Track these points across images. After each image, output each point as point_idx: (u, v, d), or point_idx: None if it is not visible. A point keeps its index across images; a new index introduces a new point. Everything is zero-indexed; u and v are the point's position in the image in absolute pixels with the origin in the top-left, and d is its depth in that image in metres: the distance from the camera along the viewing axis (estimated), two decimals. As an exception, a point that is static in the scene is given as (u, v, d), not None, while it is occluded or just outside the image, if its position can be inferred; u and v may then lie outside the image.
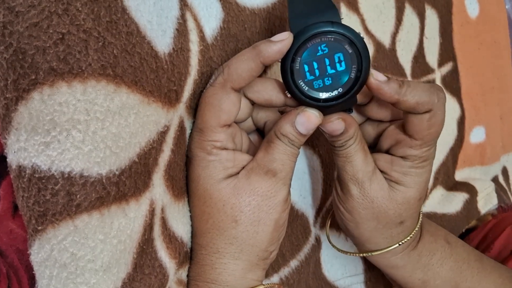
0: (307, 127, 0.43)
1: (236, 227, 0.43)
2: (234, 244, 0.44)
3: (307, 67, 0.42)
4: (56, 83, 0.32)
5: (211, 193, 0.43)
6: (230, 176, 0.44)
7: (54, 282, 0.34)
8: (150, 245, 0.40)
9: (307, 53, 0.41)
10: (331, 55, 0.41)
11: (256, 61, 0.41)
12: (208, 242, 0.44)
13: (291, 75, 0.42)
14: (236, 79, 0.42)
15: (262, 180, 0.43)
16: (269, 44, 0.41)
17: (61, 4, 0.32)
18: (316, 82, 0.42)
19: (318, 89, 0.42)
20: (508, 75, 0.98)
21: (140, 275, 0.39)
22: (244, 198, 0.43)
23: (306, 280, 0.59)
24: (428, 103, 0.44)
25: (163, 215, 0.42)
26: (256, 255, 0.44)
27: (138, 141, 0.38)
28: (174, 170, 0.43)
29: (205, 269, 0.44)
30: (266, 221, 0.44)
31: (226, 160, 0.43)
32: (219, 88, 0.42)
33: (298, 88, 0.42)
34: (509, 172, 0.97)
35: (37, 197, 0.32)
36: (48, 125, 0.32)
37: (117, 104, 0.35)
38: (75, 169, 0.33)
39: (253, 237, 0.44)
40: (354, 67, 0.42)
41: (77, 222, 0.33)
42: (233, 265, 0.44)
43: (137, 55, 0.37)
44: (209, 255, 0.44)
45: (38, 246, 0.33)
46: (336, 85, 0.42)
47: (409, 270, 0.54)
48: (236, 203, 0.43)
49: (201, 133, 0.43)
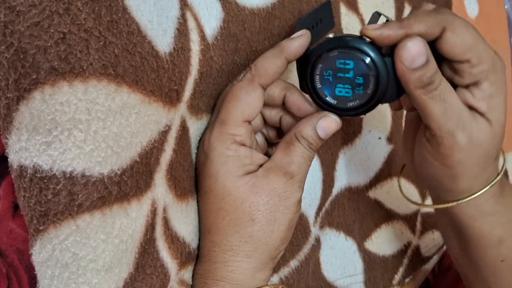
0: (326, 132, 0.44)
1: (252, 225, 0.44)
2: (249, 243, 0.44)
3: (326, 73, 0.43)
4: (57, 82, 0.32)
5: (230, 190, 0.43)
6: (248, 173, 0.44)
7: (56, 282, 0.34)
8: (152, 245, 0.40)
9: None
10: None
11: (281, 57, 0.43)
12: (222, 239, 0.44)
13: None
14: (263, 75, 0.44)
15: (280, 181, 0.44)
16: (291, 40, 0.43)
17: (62, 3, 0.32)
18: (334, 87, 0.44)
19: (334, 96, 0.44)
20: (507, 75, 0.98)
21: (142, 275, 0.39)
22: (262, 197, 0.44)
23: (306, 280, 0.59)
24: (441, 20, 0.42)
25: (165, 215, 0.42)
26: (268, 254, 0.45)
27: (139, 141, 0.38)
28: (176, 170, 0.43)
29: (216, 266, 0.44)
30: (281, 221, 0.45)
31: (244, 156, 0.44)
32: (247, 83, 0.44)
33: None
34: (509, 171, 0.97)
35: (38, 197, 0.32)
36: (49, 125, 0.32)
37: (118, 103, 0.35)
38: (77, 169, 0.33)
39: (268, 236, 0.44)
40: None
41: (79, 222, 0.33)
42: (245, 263, 0.44)
43: (138, 55, 0.37)
44: (222, 253, 0.44)
45: (40, 246, 0.33)
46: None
47: (493, 222, 0.49)
48: (254, 202, 0.43)
49: (223, 124, 0.43)
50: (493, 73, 0.43)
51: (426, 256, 0.74)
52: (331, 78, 0.43)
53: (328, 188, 0.62)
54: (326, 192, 0.62)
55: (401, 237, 0.71)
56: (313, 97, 0.44)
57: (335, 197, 0.63)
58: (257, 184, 0.44)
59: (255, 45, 0.51)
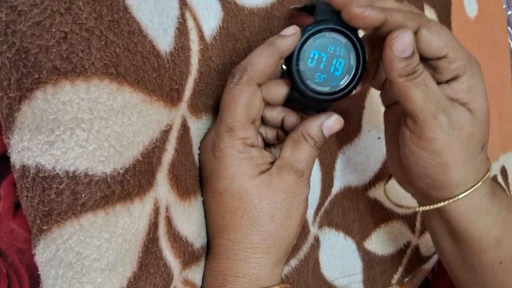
0: (331, 130, 0.47)
1: (272, 222, 0.45)
2: (268, 240, 0.45)
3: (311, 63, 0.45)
4: (59, 82, 0.32)
5: (247, 189, 0.44)
6: (262, 172, 0.45)
7: (60, 282, 0.34)
8: (155, 244, 0.40)
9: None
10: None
11: (275, 56, 0.44)
12: (242, 238, 0.45)
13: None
14: (260, 75, 0.44)
15: (292, 179, 0.45)
16: (283, 38, 0.44)
17: (63, 3, 0.32)
18: (318, 75, 0.45)
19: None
20: (506, 74, 0.98)
21: (145, 274, 0.39)
22: (279, 195, 0.45)
23: (306, 279, 0.59)
24: (415, 17, 0.44)
25: (167, 214, 0.42)
26: (284, 248, 0.47)
27: (141, 140, 0.38)
28: (178, 170, 0.43)
29: (237, 263, 0.45)
30: (296, 216, 0.46)
31: (256, 157, 0.45)
32: (246, 86, 0.44)
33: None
34: (508, 171, 0.97)
35: (41, 197, 0.32)
36: (52, 124, 0.32)
37: (120, 103, 0.35)
38: (80, 168, 0.33)
39: (285, 232, 0.46)
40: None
41: (82, 221, 0.33)
42: (265, 259, 0.45)
43: (139, 54, 0.37)
44: (242, 250, 0.45)
45: (43, 246, 0.33)
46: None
47: (490, 222, 0.49)
48: (272, 199, 0.45)
49: (231, 132, 0.44)
50: (470, 67, 0.45)
51: (425, 255, 0.74)
52: (315, 63, 0.45)
53: (327, 188, 0.62)
54: (326, 191, 0.62)
55: (400, 237, 0.71)
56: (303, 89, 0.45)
57: (335, 197, 0.63)
58: (273, 182, 0.45)
59: (254, 45, 0.51)
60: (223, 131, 0.44)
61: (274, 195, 0.44)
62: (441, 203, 0.48)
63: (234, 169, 0.44)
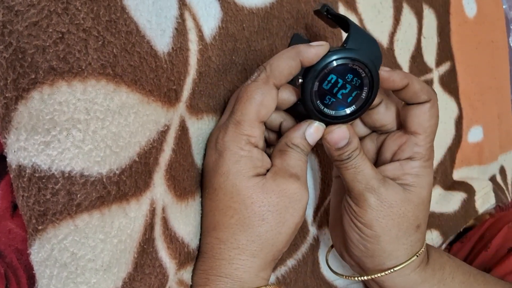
0: (314, 138, 0.47)
1: (262, 225, 0.44)
2: (256, 242, 0.44)
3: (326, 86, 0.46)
4: (56, 82, 0.32)
5: (240, 189, 0.44)
6: (258, 175, 0.45)
7: (54, 282, 0.34)
8: (151, 245, 0.40)
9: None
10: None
11: (296, 60, 0.44)
12: (229, 237, 0.45)
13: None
14: (278, 76, 0.44)
15: (288, 182, 0.45)
16: (309, 47, 0.44)
17: (60, 3, 0.32)
18: (328, 97, 0.47)
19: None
20: (505, 74, 0.98)
21: (140, 275, 0.39)
22: (273, 198, 0.44)
23: (304, 279, 0.59)
24: (428, 91, 0.48)
25: (164, 215, 0.42)
26: (272, 255, 0.46)
27: (138, 141, 0.37)
28: (176, 170, 0.43)
29: (221, 263, 0.45)
30: (289, 223, 0.46)
31: (256, 158, 0.45)
32: (262, 84, 0.44)
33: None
34: (507, 171, 0.97)
35: (37, 197, 0.32)
36: (48, 125, 0.32)
37: (117, 103, 0.35)
38: (76, 169, 0.33)
39: (275, 237, 0.45)
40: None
41: (77, 221, 0.33)
42: (250, 262, 0.45)
43: (137, 54, 0.37)
44: (228, 250, 0.45)
45: (38, 246, 0.33)
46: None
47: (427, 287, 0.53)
48: (265, 202, 0.44)
49: (237, 125, 0.44)
50: (427, 159, 0.50)
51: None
52: (329, 87, 0.46)
53: (326, 188, 0.62)
54: (325, 191, 0.62)
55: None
56: (310, 108, 0.46)
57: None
58: (267, 185, 0.44)
59: (253, 44, 0.51)
60: (230, 124, 0.44)
61: (268, 198, 0.44)
62: (375, 274, 0.51)
63: (231, 165, 0.44)
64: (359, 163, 0.47)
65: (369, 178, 0.47)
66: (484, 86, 0.91)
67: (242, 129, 0.44)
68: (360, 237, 0.50)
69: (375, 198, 0.47)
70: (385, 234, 0.49)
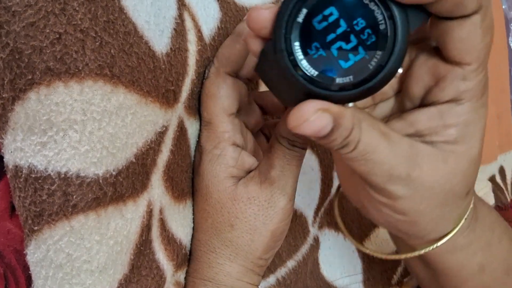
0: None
1: (231, 231, 0.43)
2: (229, 247, 0.43)
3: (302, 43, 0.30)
4: (53, 83, 0.32)
5: (212, 191, 0.43)
6: (232, 177, 0.43)
7: (50, 283, 0.34)
8: (147, 247, 0.40)
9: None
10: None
11: (240, 41, 0.42)
12: (206, 240, 0.44)
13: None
14: (225, 63, 0.43)
15: (259, 189, 0.42)
16: (243, 23, 0.43)
17: (58, 3, 0.32)
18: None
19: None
20: (505, 74, 0.98)
21: (137, 277, 0.39)
22: (240, 205, 0.42)
23: (304, 280, 0.59)
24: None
25: (161, 216, 0.42)
26: (250, 261, 0.44)
27: (135, 141, 0.37)
28: (174, 171, 0.43)
29: (202, 266, 0.44)
30: (262, 231, 0.43)
31: (230, 157, 0.43)
32: (214, 77, 0.43)
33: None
34: (506, 171, 0.97)
35: (33, 197, 0.32)
36: (44, 125, 0.32)
37: (114, 104, 0.35)
38: (72, 169, 0.33)
39: (248, 245, 0.43)
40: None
41: (73, 222, 0.33)
42: (228, 267, 0.43)
43: (135, 55, 0.37)
44: (207, 253, 0.44)
45: (34, 246, 0.33)
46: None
47: (471, 251, 0.41)
48: (232, 209, 0.42)
49: (208, 125, 0.43)
50: (480, 96, 0.34)
51: (424, 256, 0.74)
52: (321, 31, 0.30)
53: (327, 188, 0.62)
54: (325, 191, 0.62)
55: (399, 237, 0.71)
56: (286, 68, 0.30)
57: (334, 197, 0.63)
58: (237, 192, 0.42)
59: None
60: (203, 127, 0.44)
61: (235, 205, 0.42)
62: (414, 253, 0.41)
63: (206, 165, 0.43)
64: (367, 150, 0.32)
65: (388, 166, 0.33)
66: (484, 86, 0.91)
67: (212, 128, 0.43)
68: (390, 221, 0.38)
69: (405, 189, 0.34)
70: (425, 217, 0.36)
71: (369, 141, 0.32)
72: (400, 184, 0.34)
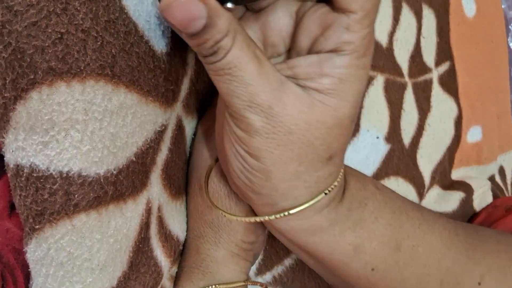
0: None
1: (211, 213, 0.43)
2: (212, 229, 0.43)
3: None
4: (54, 82, 0.32)
5: (191, 171, 0.44)
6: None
7: (50, 281, 0.34)
8: (146, 244, 0.40)
9: None
10: None
11: None
12: (192, 225, 0.44)
13: None
14: None
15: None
16: None
17: (59, 3, 0.32)
18: None
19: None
20: (505, 74, 0.98)
21: (135, 274, 0.39)
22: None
23: (301, 279, 0.59)
24: None
25: (159, 214, 0.42)
26: (235, 245, 0.42)
27: (135, 141, 0.38)
28: (171, 170, 0.43)
29: (191, 253, 0.44)
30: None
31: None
32: None
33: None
34: (506, 171, 0.97)
35: (35, 196, 0.33)
36: (46, 125, 0.32)
37: (115, 104, 0.35)
38: (73, 169, 0.33)
39: (227, 225, 0.43)
40: None
41: (74, 221, 0.34)
42: (214, 251, 0.43)
43: (135, 55, 0.37)
44: (194, 239, 0.44)
45: (35, 245, 0.34)
46: None
47: (337, 232, 0.38)
48: (209, 189, 0.42)
49: None
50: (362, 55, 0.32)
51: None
52: None
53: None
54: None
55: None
56: None
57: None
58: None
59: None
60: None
61: (212, 184, 0.43)
62: (263, 217, 0.38)
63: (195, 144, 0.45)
64: (235, 63, 0.30)
65: (252, 90, 0.31)
66: (483, 86, 0.91)
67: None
68: (243, 168, 0.35)
69: (263, 121, 0.32)
70: (278, 169, 0.34)
71: (240, 55, 0.30)
72: (259, 114, 0.32)
